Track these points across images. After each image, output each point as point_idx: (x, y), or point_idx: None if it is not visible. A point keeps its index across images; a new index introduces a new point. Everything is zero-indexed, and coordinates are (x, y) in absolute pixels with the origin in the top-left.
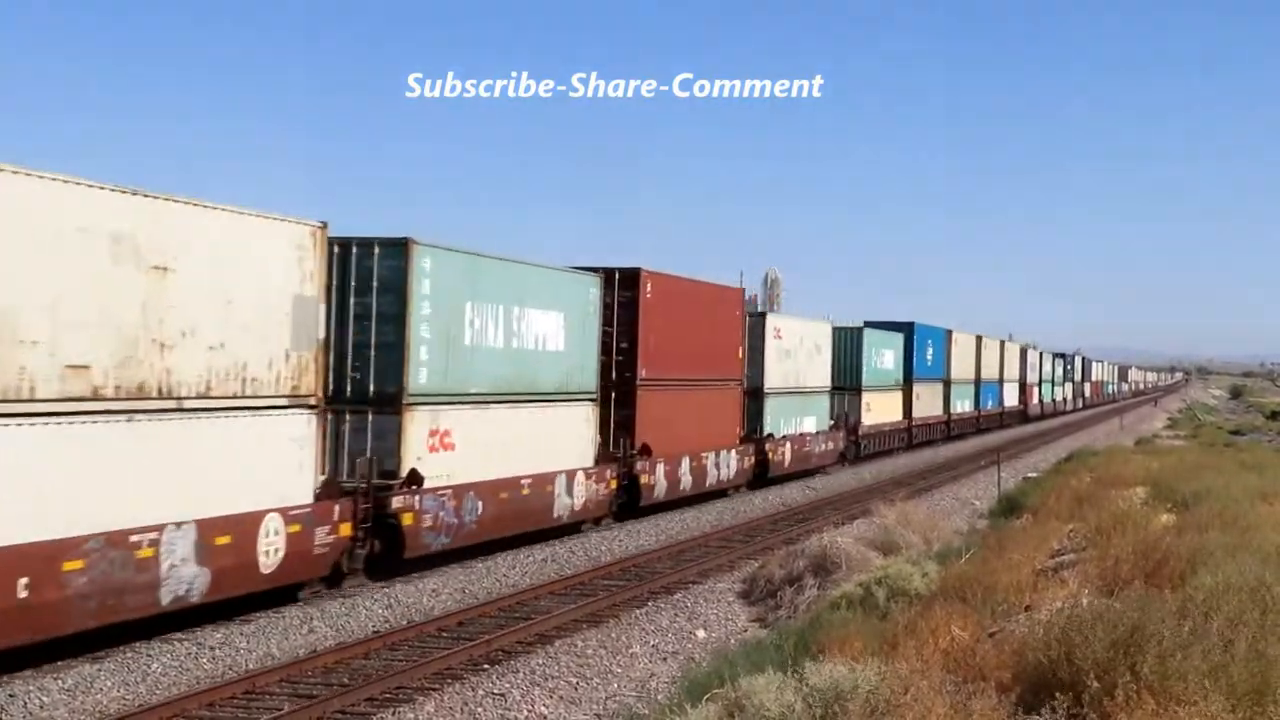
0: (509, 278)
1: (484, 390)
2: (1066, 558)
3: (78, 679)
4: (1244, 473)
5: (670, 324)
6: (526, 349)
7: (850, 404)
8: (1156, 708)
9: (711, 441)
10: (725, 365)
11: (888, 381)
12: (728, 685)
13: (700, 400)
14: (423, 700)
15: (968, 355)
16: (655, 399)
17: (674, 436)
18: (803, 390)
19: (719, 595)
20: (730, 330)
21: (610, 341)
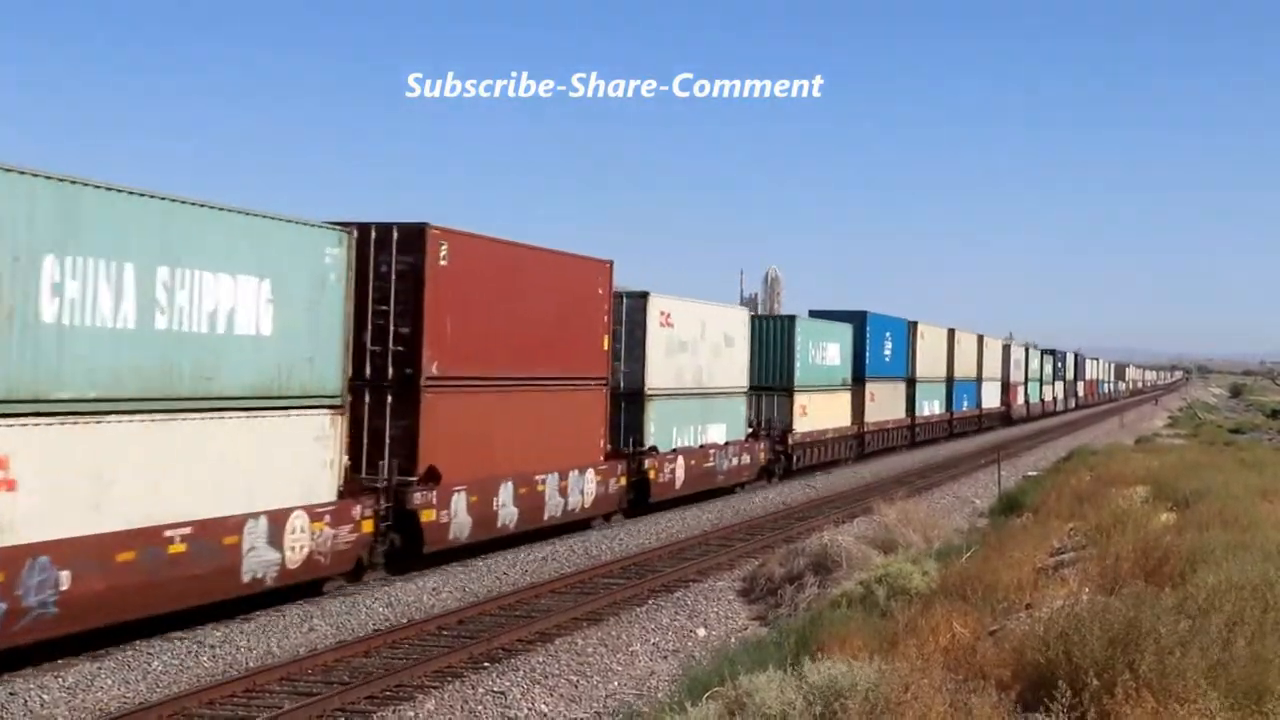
0: (150, 222)
1: (90, 394)
2: (1067, 556)
3: (78, 677)
4: (1244, 471)
5: (484, 303)
6: (190, 331)
7: (778, 407)
8: (1156, 706)
9: (556, 460)
10: (581, 360)
11: (831, 380)
12: (728, 683)
13: (538, 406)
14: (423, 698)
15: (937, 351)
16: (454, 405)
17: (487, 455)
18: (705, 392)
19: (719, 593)
20: (590, 314)
21: (386, 326)
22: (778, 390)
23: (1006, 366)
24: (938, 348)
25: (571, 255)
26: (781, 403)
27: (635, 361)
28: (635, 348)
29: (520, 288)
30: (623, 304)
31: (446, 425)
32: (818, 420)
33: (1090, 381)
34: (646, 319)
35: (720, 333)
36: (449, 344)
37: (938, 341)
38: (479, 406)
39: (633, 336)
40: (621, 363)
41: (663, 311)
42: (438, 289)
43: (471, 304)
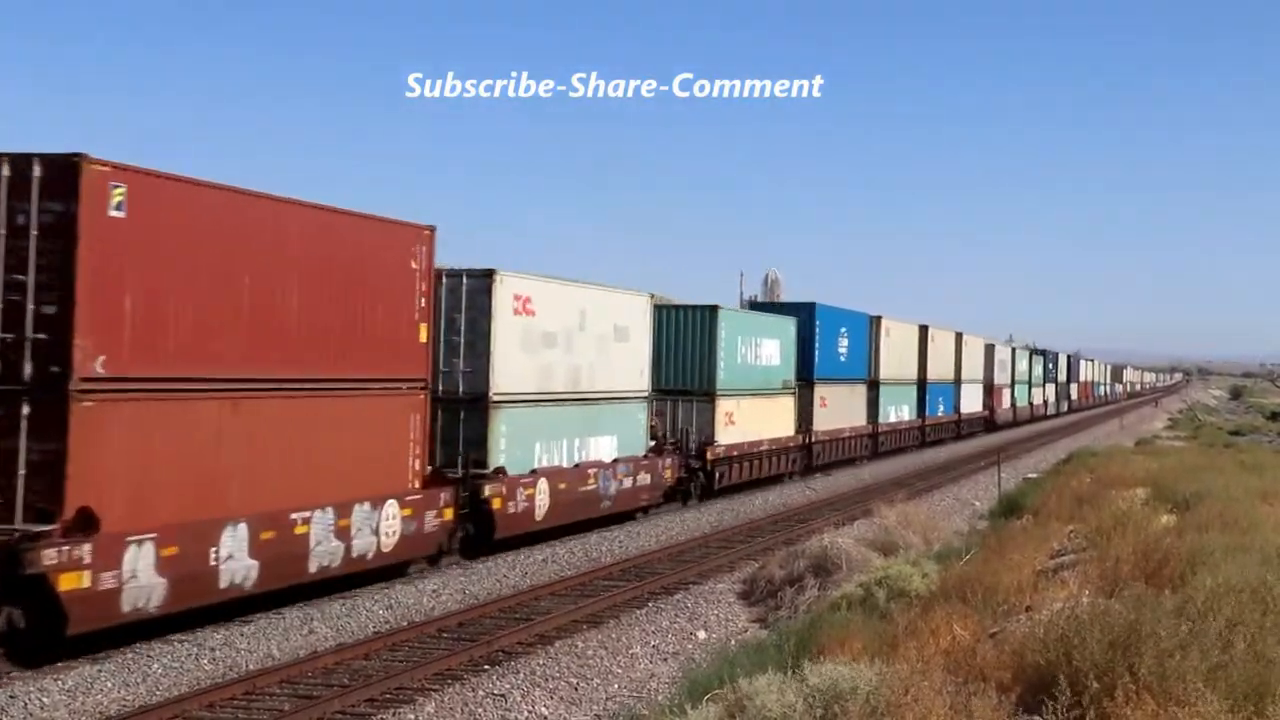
0: None
1: None
2: (1067, 558)
3: (78, 680)
4: (1244, 473)
5: (200, 275)
6: None
7: (697, 415)
8: (1156, 708)
9: (333, 490)
10: (381, 355)
11: (768, 383)
12: (728, 686)
13: (302, 417)
14: (423, 701)
15: (905, 350)
16: (138, 417)
17: (205, 488)
18: (586, 397)
19: (719, 596)
20: (397, 295)
21: (23, 303)
22: (696, 395)
23: (990, 368)
24: (906, 346)
25: (365, 216)
26: (701, 409)
27: (479, 359)
28: (479, 341)
29: (272, 256)
30: (462, 285)
31: (122, 447)
32: (750, 429)
33: (1085, 384)
34: (493, 304)
35: (609, 324)
36: (130, 331)
37: (906, 339)
38: (189, 419)
39: (475, 327)
40: (461, 360)
41: (519, 295)
42: (107, 250)
43: (175, 275)
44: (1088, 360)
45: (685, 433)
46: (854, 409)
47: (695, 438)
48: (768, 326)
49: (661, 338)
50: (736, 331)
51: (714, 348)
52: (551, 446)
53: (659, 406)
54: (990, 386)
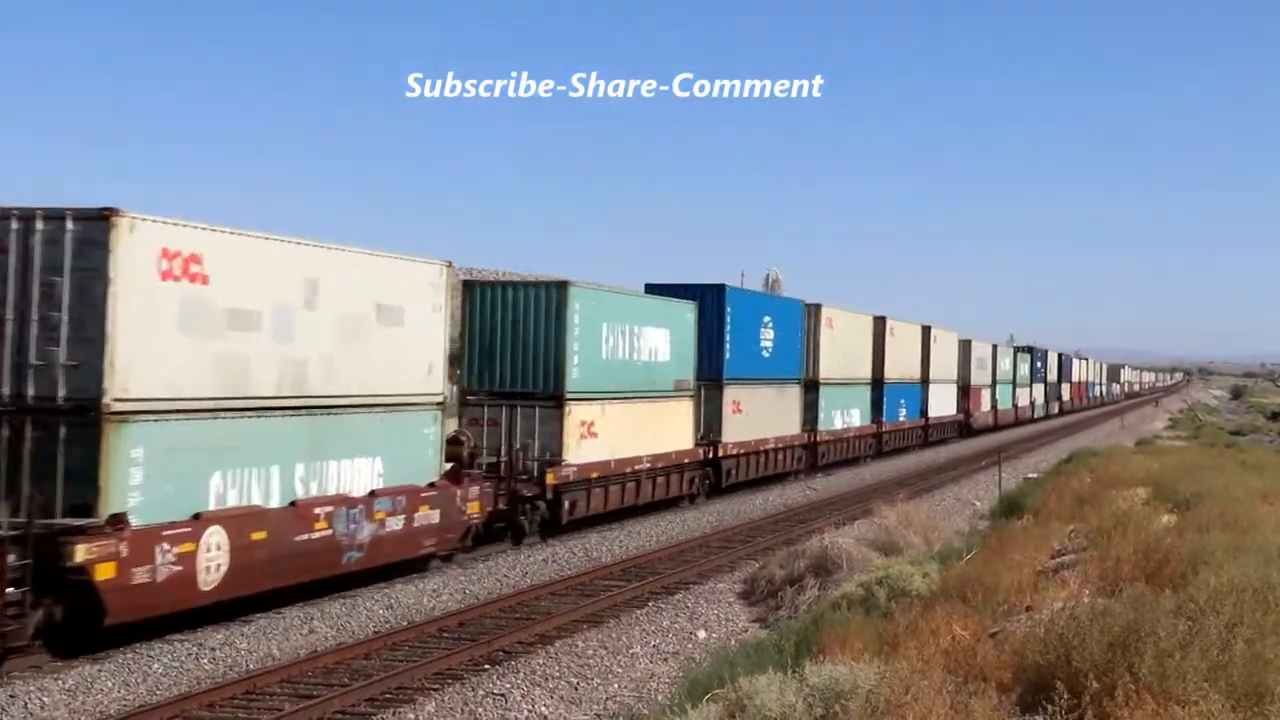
0: None
1: None
2: (1067, 558)
3: (78, 679)
4: (1245, 473)
5: None
6: None
7: (540, 427)
8: (1156, 708)
9: None
10: None
11: (652, 384)
12: (728, 685)
13: None
14: (423, 700)
15: (856, 345)
16: None
17: None
18: (318, 404)
19: (719, 595)
20: None
21: None
22: (539, 400)
23: (966, 366)
24: (857, 340)
25: None
26: (546, 419)
27: (88, 345)
28: (89, 319)
29: None
30: (65, 234)
31: None
32: (620, 443)
33: (1078, 384)
34: (115, 262)
35: (367, 301)
36: None
37: (856, 332)
38: None
39: (85, 297)
40: (62, 349)
41: (173, 252)
42: None
43: None
44: (1081, 359)
45: (521, 450)
46: (783, 415)
47: (535, 456)
48: (651, 312)
49: (494, 324)
50: (600, 317)
51: (563, 338)
52: (244, 478)
53: (491, 415)
54: (966, 387)
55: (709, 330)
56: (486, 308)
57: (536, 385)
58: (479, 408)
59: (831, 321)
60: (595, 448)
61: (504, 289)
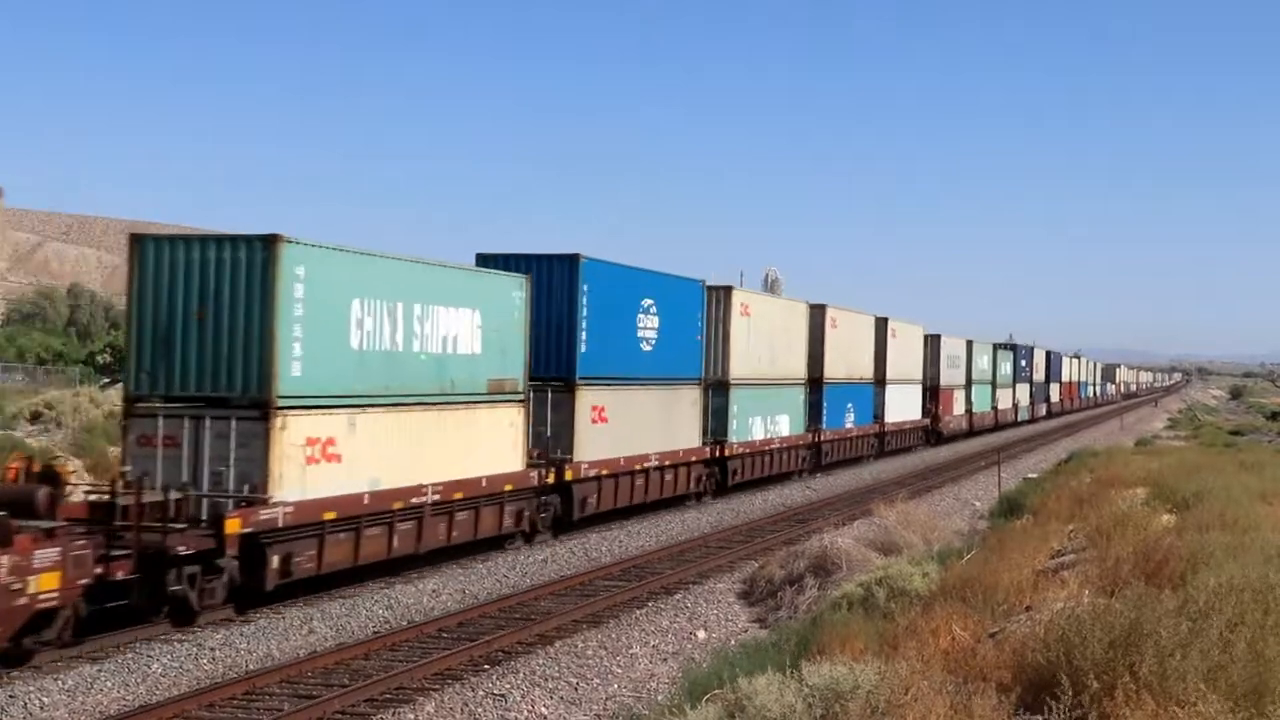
0: None
1: None
2: (1067, 558)
3: (78, 679)
4: (1244, 473)
5: None
6: None
7: (236, 447)
8: (1156, 708)
9: None
10: None
11: (448, 384)
12: (728, 686)
13: None
14: (423, 701)
15: (784, 338)
16: None
17: None
18: None
19: (719, 596)
20: None
21: None
22: (236, 409)
23: (934, 364)
24: (785, 332)
25: None
26: (245, 437)
27: None
28: None
29: None
30: None
31: None
32: (387, 468)
33: (1069, 384)
34: None
35: None
36: None
37: (785, 324)
38: None
39: None
40: None
41: None
42: None
43: None
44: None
45: (216, 478)
46: (674, 424)
47: (231, 490)
48: (448, 287)
49: (173, 298)
50: (348, 291)
51: (273, 317)
52: None
53: (168, 431)
54: (935, 388)
55: (554, 314)
56: (164, 274)
57: (234, 387)
58: (150, 419)
59: (748, 308)
60: (336, 477)
61: (188, 246)
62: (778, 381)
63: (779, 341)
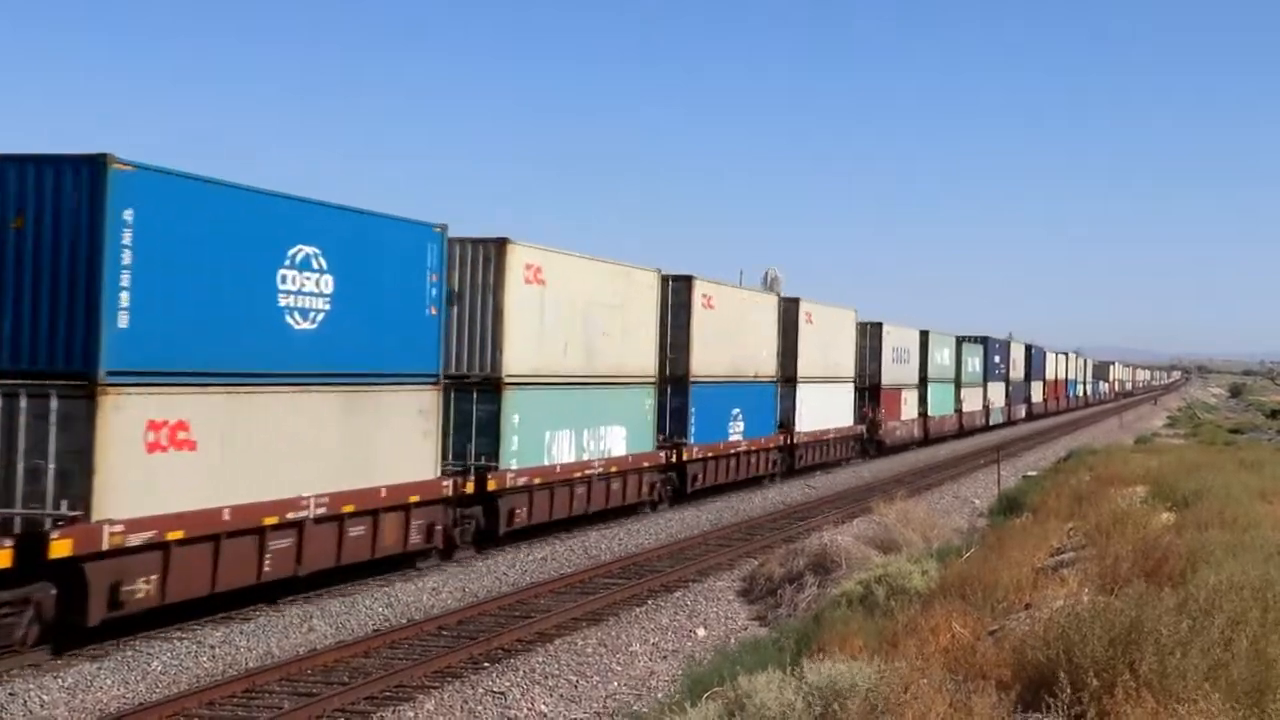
0: None
1: None
2: (1066, 556)
3: (78, 677)
4: (1243, 471)
5: None
6: None
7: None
8: (1156, 706)
9: None
10: None
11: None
12: (728, 684)
13: None
14: (423, 699)
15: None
16: None
17: None
18: None
19: (719, 593)
20: None
21: None
22: None
23: (873, 359)
24: (622, 314)
25: None
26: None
27: None
28: None
29: None
30: None
31: None
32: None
33: (1054, 383)
34: None
35: None
36: None
37: (618, 301)
38: None
39: None
40: None
41: None
42: None
43: None
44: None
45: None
46: (372, 446)
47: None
48: None
49: None
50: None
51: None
52: None
53: None
54: (876, 387)
55: (66, 257)
56: None
57: None
58: None
59: (541, 273)
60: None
61: None
62: (602, 380)
63: (613, 323)
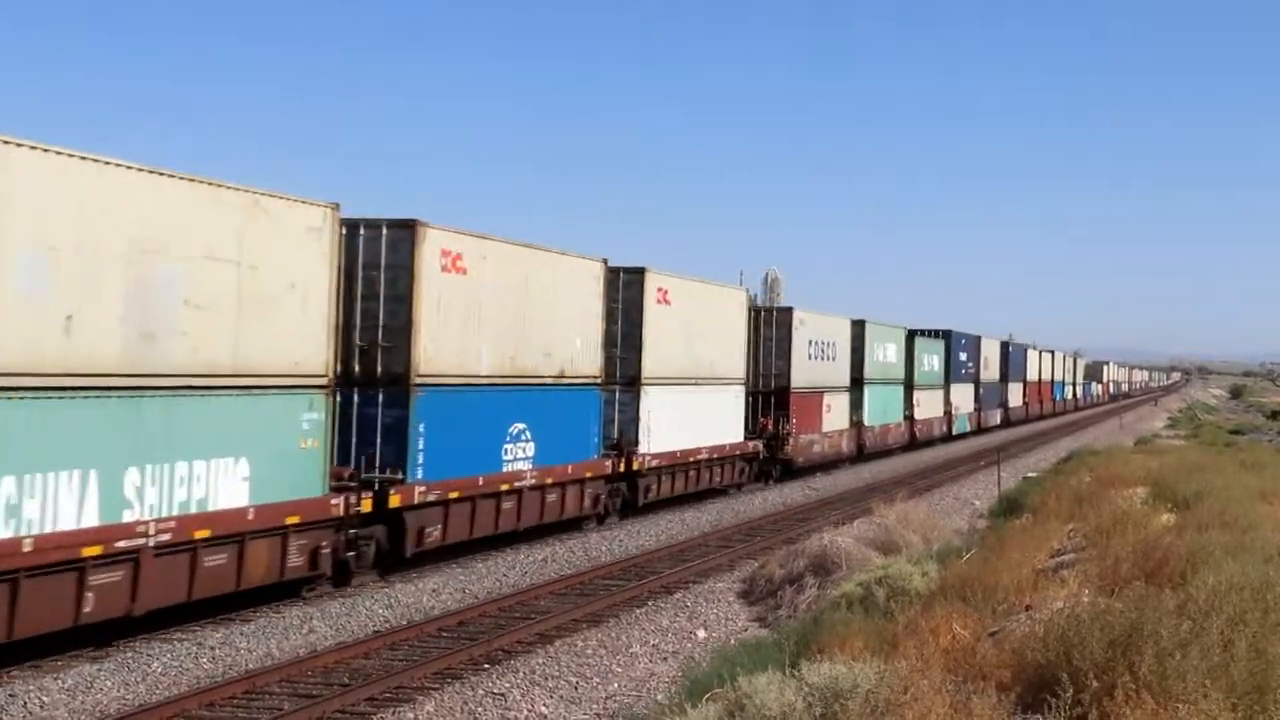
0: None
1: None
2: (1067, 557)
3: (77, 679)
4: (1244, 472)
5: None
6: None
7: None
8: (1156, 707)
9: None
10: None
11: None
12: (728, 685)
13: None
14: (423, 700)
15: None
16: None
17: None
18: None
19: (719, 595)
20: None
21: None
22: None
23: (780, 356)
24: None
25: None
26: None
27: None
28: None
29: None
30: None
31: None
32: None
33: (1037, 384)
34: None
35: None
36: None
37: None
38: None
39: None
40: None
41: None
42: None
43: None
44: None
45: None
46: None
47: None
48: None
49: None
50: None
51: None
52: None
53: None
54: (782, 392)
55: None
56: None
57: None
58: None
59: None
60: None
61: None
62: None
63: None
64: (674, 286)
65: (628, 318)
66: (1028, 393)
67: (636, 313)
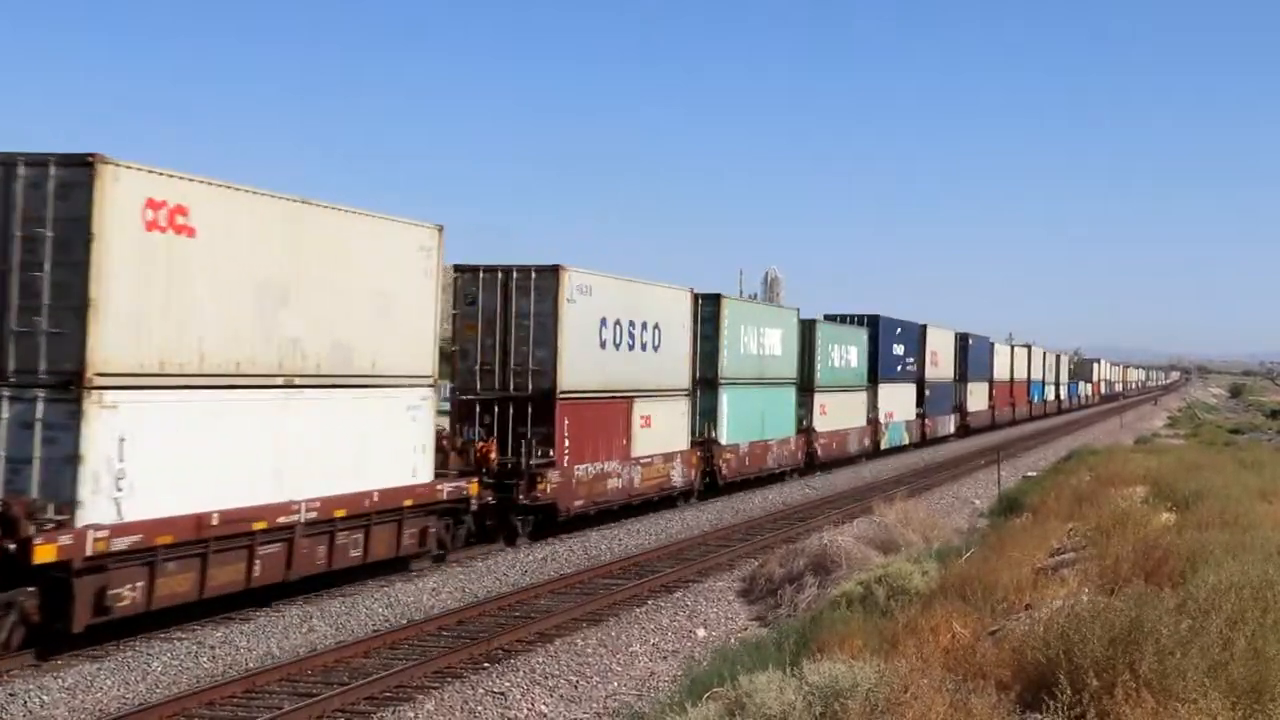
0: None
1: None
2: (1066, 556)
3: (78, 678)
4: (1243, 471)
5: None
6: None
7: None
8: (1156, 706)
9: None
10: None
11: None
12: (728, 684)
13: None
14: (423, 699)
15: None
16: None
17: None
18: None
19: (719, 594)
20: None
21: None
22: None
23: (542, 346)
24: None
25: None
26: None
27: None
28: None
29: None
30: None
31: None
32: None
33: (1007, 384)
34: None
35: None
36: None
37: None
38: None
39: None
40: None
41: None
42: None
43: None
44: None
45: None
46: None
47: None
48: None
49: None
50: None
51: None
52: None
53: None
54: (544, 397)
55: None
56: None
57: None
58: None
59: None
60: None
61: None
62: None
63: None
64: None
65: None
66: (995, 394)
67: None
